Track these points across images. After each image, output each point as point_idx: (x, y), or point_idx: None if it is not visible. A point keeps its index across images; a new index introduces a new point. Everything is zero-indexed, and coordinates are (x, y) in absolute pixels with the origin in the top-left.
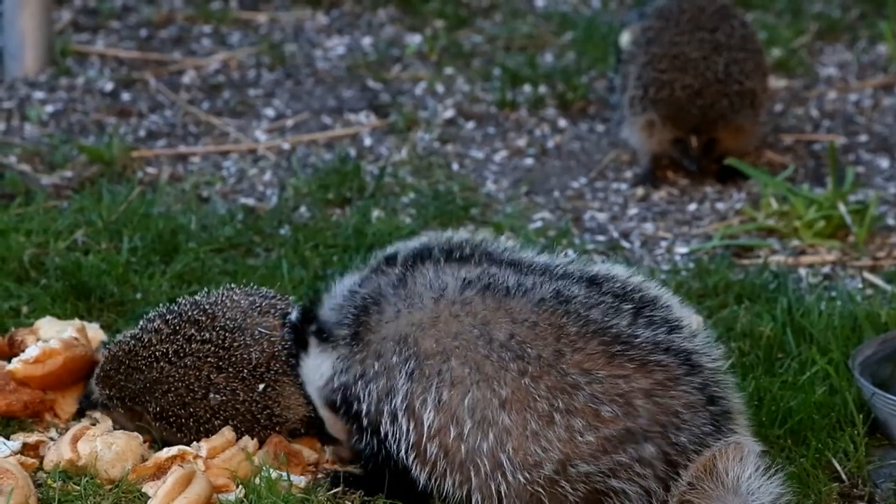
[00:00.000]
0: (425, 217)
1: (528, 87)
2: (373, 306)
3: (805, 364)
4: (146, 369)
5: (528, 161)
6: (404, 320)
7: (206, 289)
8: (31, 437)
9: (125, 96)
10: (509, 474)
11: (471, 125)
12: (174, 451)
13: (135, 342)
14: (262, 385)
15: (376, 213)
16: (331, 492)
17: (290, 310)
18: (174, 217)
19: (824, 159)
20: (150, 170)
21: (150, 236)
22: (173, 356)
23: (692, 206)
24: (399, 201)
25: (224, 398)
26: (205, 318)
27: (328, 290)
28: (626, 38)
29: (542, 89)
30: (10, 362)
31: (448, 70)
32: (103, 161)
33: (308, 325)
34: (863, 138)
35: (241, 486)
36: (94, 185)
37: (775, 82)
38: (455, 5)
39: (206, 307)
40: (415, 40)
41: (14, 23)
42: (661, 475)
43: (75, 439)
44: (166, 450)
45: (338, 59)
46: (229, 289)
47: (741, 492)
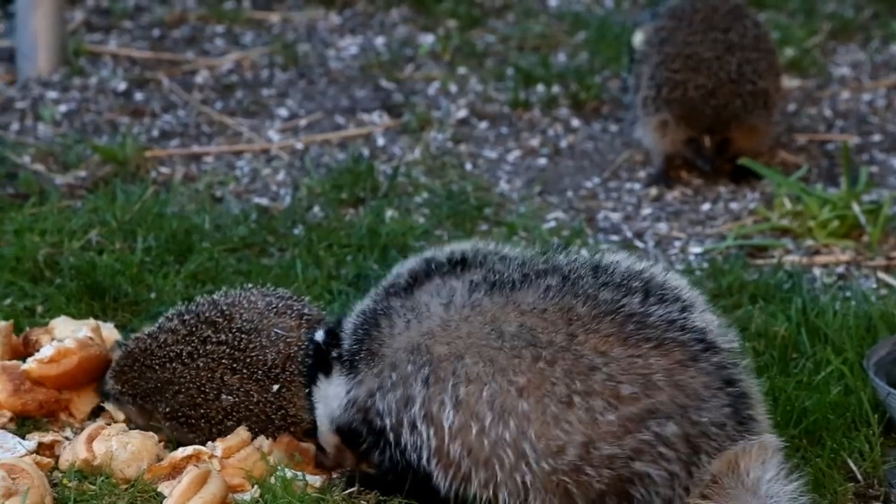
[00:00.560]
0: (439, 217)
1: (541, 87)
2: (383, 320)
3: (820, 364)
4: (159, 369)
5: (542, 161)
6: (415, 330)
7: (223, 288)
8: (47, 437)
9: (138, 96)
10: (533, 463)
11: (484, 125)
12: (189, 450)
13: (151, 341)
14: (276, 386)
15: (390, 212)
16: (346, 491)
17: (320, 320)
18: (188, 217)
19: (838, 159)
20: (164, 169)
21: (164, 236)
22: (187, 357)
23: (706, 206)
24: (412, 201)
25: (237, 399)
26: (222, 319)
27: (346, 317)
28: (639, 38)
29: (556, 89)
30: (25, 362)
31: (461, 70)
32: (117, 161)
33: (334, 348)
34: (876, 138)
35: (256, 486)
36: (108, 184)
37: (788, 82)
38: (468, 5)
39: (224, 308)
40: (428, 40)
41: (27, 23)
42: (684, 458)
43: (91, 439)
44: (182, 449)
45: (351, 58)
46: (246, 289)
47: (760, 493)
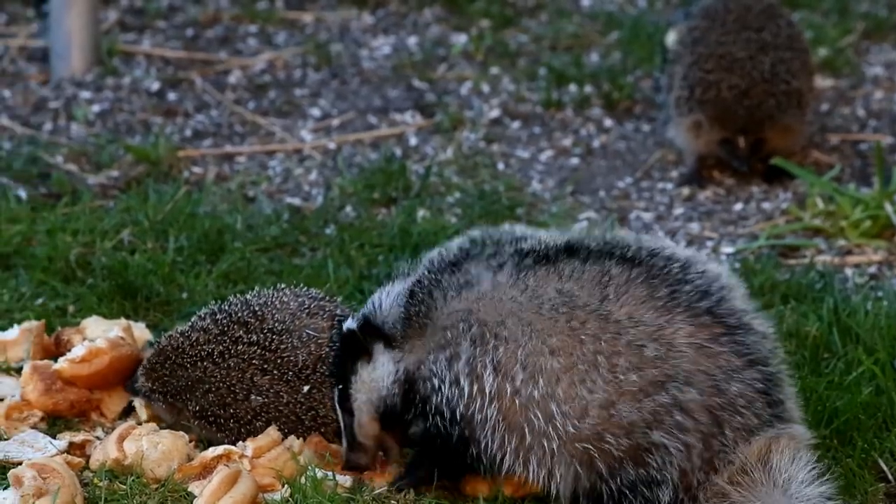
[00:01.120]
0: (471, 217)
1: (573, 87)
2: (436, 291)
3: (851, 364)
4: (190, 367)
5: (574, 161)
6: (466, 297)
7: (256, 288)
8: (78, 437)
9: (171, 96)
10: (560, 426)
11: (516, 125)
12: (220, 450)
13: (183, 339)
14: (307, 387)
15: (422, 212)
16: (377, 490)
17: (345, 316)
18: (220, 217)
19: (871, 159)
20: (196, 169)
21: (195, 236)
22: (218, 357)
23: (738, 206)
24: (444, 201)
25: (266, 400)
26: (254, 319)
27: (376, 301)
28: (671, 38)
29: (588, 89)
30: (56, 361)
31: (494, 70)
32: (149, 161)
33: (370, 333)
34: None
35: (286, 486)
36: (141, 184)
37: (822, 82)
38: (501, 5)
39: (256, 308)
40: (460, 40)
41: (61, 23)
42: (704, 430)
43: (121, 438)
44: (212, 449)
45: (383, 58)
46: (279, 289)
47: (790, 493)
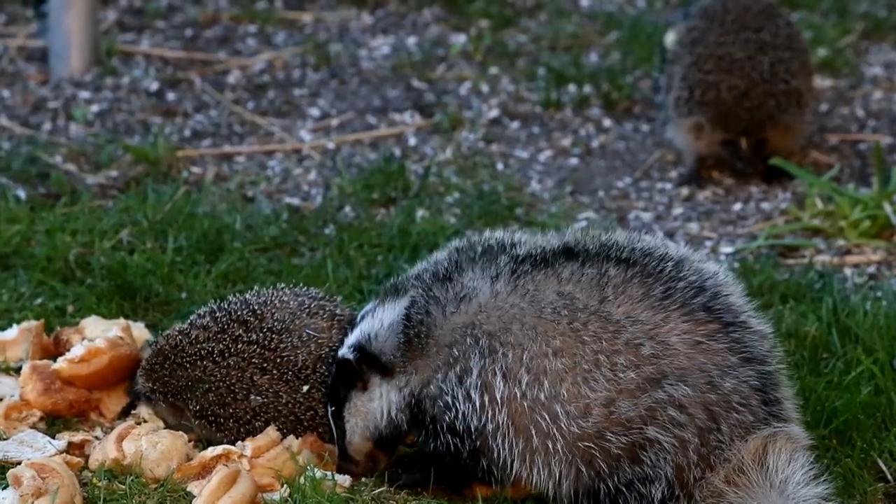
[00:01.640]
0: (470, 217)
1: (572, 87)
2: (433, 308)
3: (850, 364)
4: (190, 367)
5: (573, 161)
6: (466, 310)
7: (255, 287)
8: (77, 437)
9: (170, 96)
10: (564, 426)
11: (515, 125)
12: (219, 450)
13: (182, 337)
14: (306, 387)
15: (421, 212)
16: (375, 491)
17: (344, 317)
18: (219, 217)
19: (870, 159)
20: (196, 169)
21: (195, 236)
22: (218, 356)
23: (737, 206)
24: (444, 201)
25: (265, 400)
26: (253, 318)
27: (370, 329)
28: (671, 38)
29: (587, 89)
30: (55, 361)
31: (493, 70)
32: (149, 161)
33: (367, 363)
34: None
35: (285, 486)
36: (140, 184)
37: (821, 82)
38: (500, 5)
39: (256, 307)
40: (460, 40)
41: (60, 23)
42: (700, 424)
43: (121, 438)
44: (211, 449)
45: (383, 58)
46: (279, 289)
47: (787, 493)
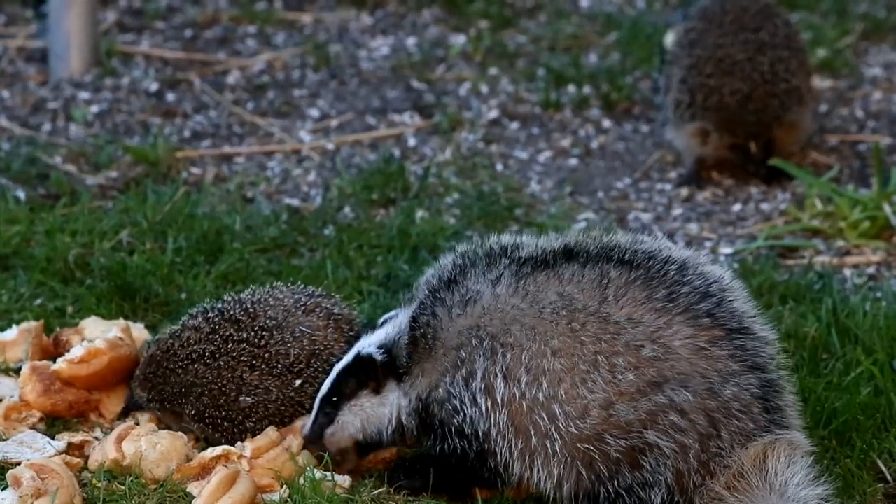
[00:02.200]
0: (469, 217)
1: (572, 88)
2: (439, 310)
3: (850, 365)
4: (182, 372)
5: (573, 161)
6: (471, 313)
7: (252, 286)
8: (76, 437)
9: (170, 97)
10: (563, 427)
11: (515, 125)
12: (219, 451)
13: (173, 341)
14: (299, 381)
15: (420, 213)
16: (375, 491)
17: (368, 348)
18: (219, 217)
19: (869, 160)
20: (195, 170)
21: (194, 237)
22: (209, 358)
23: (737, 207)
24: (443, 202)
25: (255, 399)
26: (246, 317)
27: (391, 333)
28: (670, 39)
29: (587, 90)
30: (55, 362)
31: (492, 70)
32: (148, 161)
33: (390, 369)
34: None
35: (285, 487)
36: (139, 185)
37: (820, 83)
38: (499, 6)
39: (249, 306)
40: (459, 41)
41: (60, 23)
42: (701, 430)
43: (120, 439)
44: (211, 450)
45: (382, 59)
46: (275, 287)
47: (787, 496)
